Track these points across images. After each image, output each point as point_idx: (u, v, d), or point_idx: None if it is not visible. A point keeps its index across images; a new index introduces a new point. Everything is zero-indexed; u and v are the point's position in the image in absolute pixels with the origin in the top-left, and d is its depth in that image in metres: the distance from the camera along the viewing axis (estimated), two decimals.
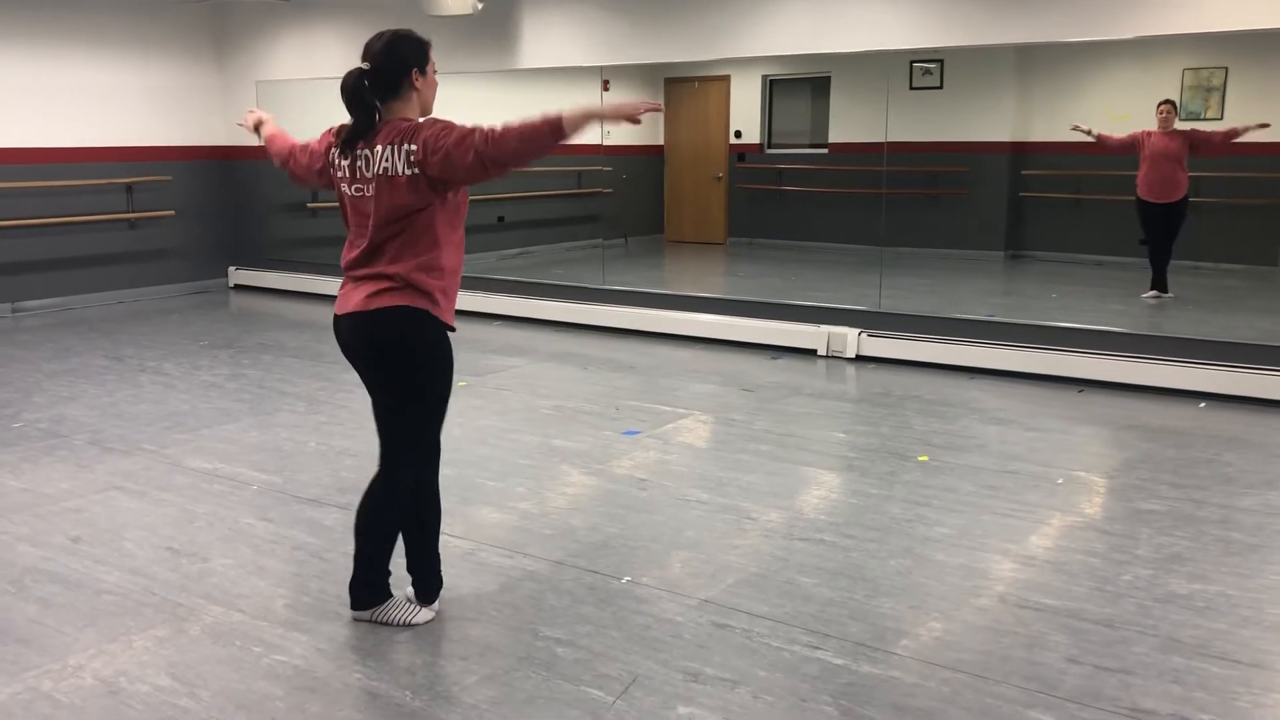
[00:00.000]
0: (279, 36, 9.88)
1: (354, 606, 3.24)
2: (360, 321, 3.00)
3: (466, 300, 8.68)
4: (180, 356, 7.17)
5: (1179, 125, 7.99)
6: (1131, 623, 3.25)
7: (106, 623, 3.28)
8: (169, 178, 9.75)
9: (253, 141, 3.76)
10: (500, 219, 10.72)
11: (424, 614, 3.26)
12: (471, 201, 3.11)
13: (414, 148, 2.88)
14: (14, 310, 8.96)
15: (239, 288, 10.37)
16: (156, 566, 3.70)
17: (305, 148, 3.32)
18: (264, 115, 3.59)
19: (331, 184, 3.17)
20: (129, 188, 9.56)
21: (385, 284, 2.97)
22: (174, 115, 9.94)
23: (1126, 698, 2.82)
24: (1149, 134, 8.00)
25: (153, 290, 9.90)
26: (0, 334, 8.10)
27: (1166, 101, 8.00)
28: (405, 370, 3.03)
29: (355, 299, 3.01)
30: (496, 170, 2.85)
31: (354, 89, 2.98)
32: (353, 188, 3.03)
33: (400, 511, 3.19)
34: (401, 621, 3.22)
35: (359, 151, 2.99)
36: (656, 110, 2.92)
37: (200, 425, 5.46)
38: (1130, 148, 8.11)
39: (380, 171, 2.93)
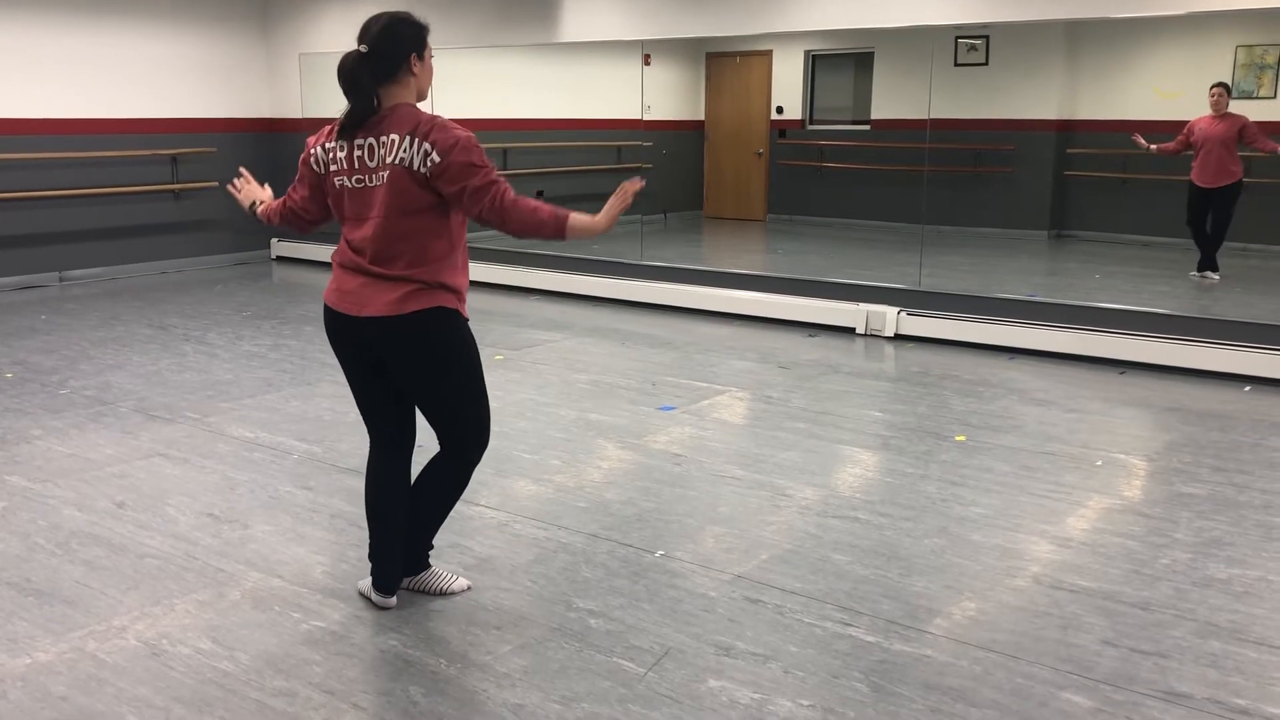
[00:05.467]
0: (323, 10, 9.92)
1: (418, 569, 3.26)
2: (395, 324, 2.89)
3: (505, 274, 8.74)
4: (223, 327, 7.27)
5: (1233, 109, 7.81)
6: (1168, 606, 3.22)
7: (149, 586, 3.35)
8: (214, 149, 9.85)
9: (295, 114, 3.72)
10: (539, 193, 10.72)
11: (460, 582, 3.29)
12: (510, 176, 3.09)
13: (437, 159, 2.79)
14: (61, 279, 9.12)
15: (281, 259, 10.48)
16: (198, 532, 3.77)
17: (294, 190, 3.13)
18: (256, 194, 3.36)
19: (325, 194, 3.02)
20: (174, 159, 9.67)
21: (414, 286, 2.88)
22: (219, 88, 10.03)
23: (1162, 681, 2.80)
24: (1198, 120, 7.84)
25: (197, 261, 10.02)
26: (48, 302, 8.24)
27: (1219, 84, 7.81)
28: (445, 364, 2.99)
29: (380, 301, 2.89)
30: (490, 226, 2.88)
31: (351, 73, 2.86)
32: (352, 179, 2.90)
33: (460, 490, 3.19)
34: (439, 589, 3.26)
35: (360, 140, 2.88)
36: (637, 187, 2.96)
37: (243, 394, 5.54)
38: (1187, 143, 7.93)
39: (397, 161, 2.82)
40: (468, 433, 3.10)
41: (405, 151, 2.82)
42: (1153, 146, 8.01)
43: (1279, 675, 2.84)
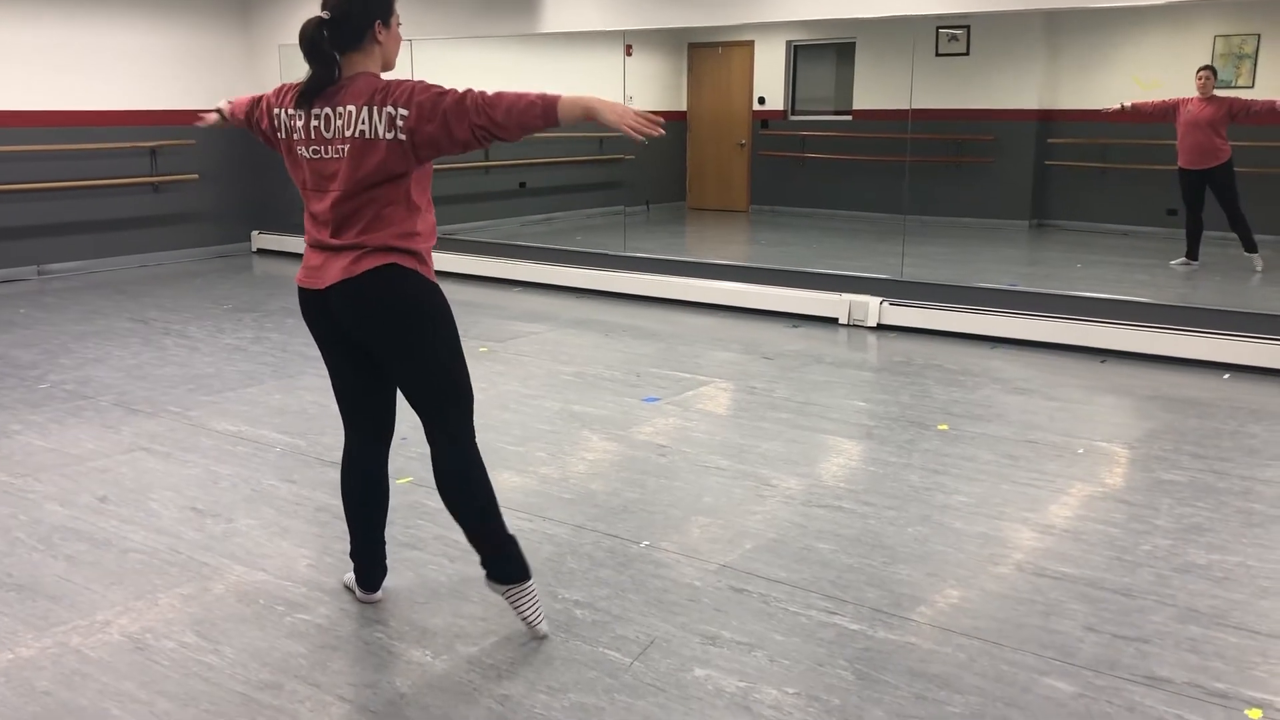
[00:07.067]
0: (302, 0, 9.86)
1: (512, 578, 2.99)
2: (352, 288, 2.78)
3: (488, 266, 8.72)
4: (204, 320, 7.23)
5: (1218, 93, 7.87)
6: (1149, 592, 3.24)
7: (133, 581, 3.33)
8: (193, 141, 9.77)
9: None
10: (522, 185, 10.70)
11: (544, 626, 3.02)
12: (493, 167, 3.03)
13: (405, 112, 2.66)
14: (40, 273, 9.05)
15: (262, 252, 10.42)
16: (182, 526, 3.75)
17: (261, 100, 3.04)
18: (221, 106, 3.29)
19: (275, 144, 2.96)
20: (153, 151, 9.60)
21: (364, 250, 2.77)
22: (198, 78, 9.95)
23: (1143, 666, 2.82)
24: (1187, 100, 7.89)
25: (177, 254, 9.96)
26: (27, 296, 8.18)
27: (1206, 67, 7.87)
28: (411, 324, 2.84)
29: (336, 268, 2.79)
30: (484, 143, 2.73)
31: (312, 39, 2.74)
32: (310, 149, 2.80)
33: (483, 472, 3.00)
34: (524, 617, 2.98)
35: (318, 110, 2.77)
36: (657, 134, 2.69)
37: (224, 388, 5.51)
38: (1166, 114, 7.99)
39: (356, 134, 2.71)
40: (446, 402, 2.92)
41: (365, 124, 2.69)
42: (1127, 103, 8.05)
43: (1258, 659, 2.87)
